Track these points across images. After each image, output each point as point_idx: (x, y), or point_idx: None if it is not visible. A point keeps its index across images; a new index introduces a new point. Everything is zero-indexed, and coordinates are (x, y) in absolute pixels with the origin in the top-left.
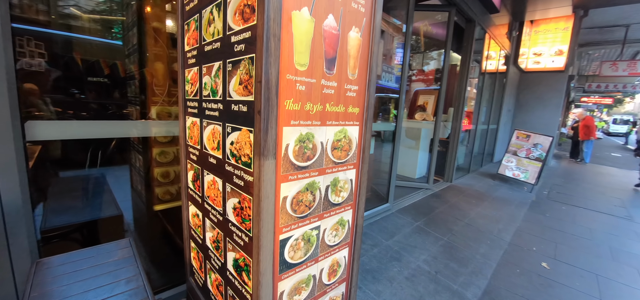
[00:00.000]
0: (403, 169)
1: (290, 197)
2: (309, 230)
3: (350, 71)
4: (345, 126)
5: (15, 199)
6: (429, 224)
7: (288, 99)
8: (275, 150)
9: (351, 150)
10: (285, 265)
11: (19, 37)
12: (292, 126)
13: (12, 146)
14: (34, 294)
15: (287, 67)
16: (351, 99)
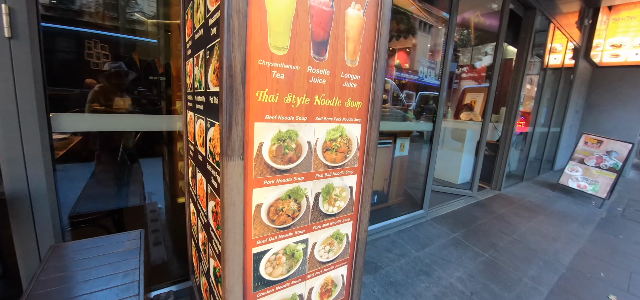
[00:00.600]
0: (444, 173)
1: (266, 205)
2: (293, 243)
3: (349, 57)
4: (341, 123)
5: (41, 186)
6: (468, 237)
7: (261, 89)
8: (243, 149)
9: (350, 152)
10: (261, 282)
11: (87, 40)
12: (267, 122)
13: (38, 137)
14: (42, 278)
15: (258, 50)
16: (350, 90)
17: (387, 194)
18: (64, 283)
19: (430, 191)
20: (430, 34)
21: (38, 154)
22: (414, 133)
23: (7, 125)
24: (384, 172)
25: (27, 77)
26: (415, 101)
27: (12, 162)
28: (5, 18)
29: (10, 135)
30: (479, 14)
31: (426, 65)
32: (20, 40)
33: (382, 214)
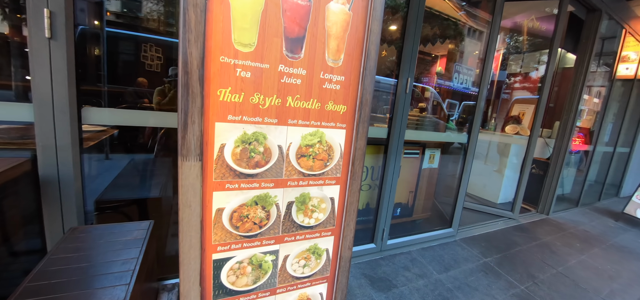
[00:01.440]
0: (482, 190)
1: (229, 210)
2: (260, 253)
3: (331, 56)
4: (320, 128)
5: (69, 173)
6: (502, 264)
7: (223, 88)
8: (201, 150)
9: (332, 160)
10: (222, 290)
11: (144, 43)
12: (230, 122)
13: (69, 129)
14: (53, 256)
15: (220, 46)
16: (332, 92)
17: (412, 208)
18: (70, 263)
19: (461, 208)
20: (478, 39)
21: (68, 144)
22: (455, 145)
23: (43, 116)
24: (409, 184)
25: (62, 74)
26: (458, 111)
27: (46, 149)
28: (46, 20)
29: (45, 125)
30: (533, 17)
31: (471, 73)
32: (58, 40)
33: (405, 228)
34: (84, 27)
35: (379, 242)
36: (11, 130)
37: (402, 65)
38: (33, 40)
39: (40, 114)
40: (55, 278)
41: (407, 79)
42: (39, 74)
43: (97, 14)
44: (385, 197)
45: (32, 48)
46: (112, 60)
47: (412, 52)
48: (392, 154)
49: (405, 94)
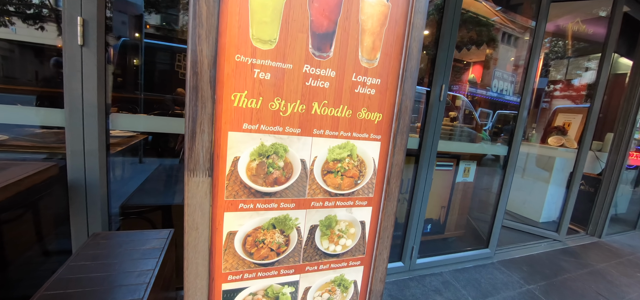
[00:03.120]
0: (522, 207)
1: (242, 233)
2: (278, 284)
3: (365, 55)
4: (351, 139)
5: (95, 178)
6: (548, 293)
7: (239, 92)
8: (211, 163)
9: (364, 177)
10: None
11: (178, 53)
12: (245, 132)
13: (96, 135)
14: (72, 263)
15: (236, 43)
16: (365, 98)
17: (444, 225)
18: (88, 272)
19: (499, 227)
20: (514, 45)
21: (95, 149)
22: (487, 156)
23: (73, 121)
24: (441, 199)
25: (93, 81)
26: (492, 120)
27: (74, 154)
28: (79, 28)
29: (75, 130)
30: (578, 20)
31: (508, 80)
32: (89, 47)
33: (436, 246)
34: (126, 39)
35: (408, 261)
36: (45, 135)
37: (436, 71)
38: (67, 47)
39: (71, 119)
40: (71, 287)
41: (441, 86)
42: (71, 80)
43: (137, 26)
44: (415, 212)
45: (66, 55)
46: (149, 70)
47: (447, 57)
48: (424, 166)
49: (439, 101)
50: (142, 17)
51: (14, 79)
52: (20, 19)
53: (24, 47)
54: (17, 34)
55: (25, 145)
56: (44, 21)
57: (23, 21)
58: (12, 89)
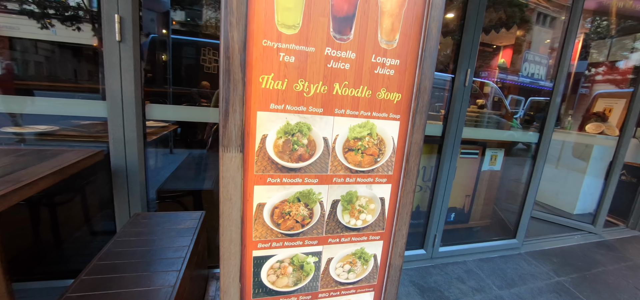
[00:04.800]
0: (555, 198)
1: (270, 205)
2: (302, 254)
3: (385, 36)
4: (371, 119)
5: (134, 164)
6: (580, 285)
7: (266, 74)
8: (242, 140)
9: (383, 155)
10: (262, 289)
11: (203, 48)
12: (272, 111)
13: (134, 124)
14: (118, 239)
15: (263, 29)
16: (385, 79)
17: (469, 214)
18: (132, 247)
19: (528, 217)
20: (550, 25)
21: (134, 137)
22: (518, 145)
23: (114, 112)
24: (465, 188)
25: (130, 74)
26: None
27: (116, 142)
28: (116, 25)
29: (116, 120)
30: None
31: (541, 64)
32: (126, 43)
33: (460, 235)
34: (154, 35)
35: (430, 249)
36: (91, 126)
37: (462, 55)
38: (106, 43)
39: (112, 110)
40: (119, 259)
41: (466, 70)
42: (111, 73)
43: (164, 23)
44: (438, 200)
45: (105, 50)
46: (176, 64)
47: (473, 40)
48: (447, 153)
49: (464, 87)
50: (169, 14)
51: (56, 77)
52: (59, 21)
53: (63, 47)
54: (57, 35)
55: (73, 135)
56: (80, 22)
57: (62, 23)
58: (56, 86)
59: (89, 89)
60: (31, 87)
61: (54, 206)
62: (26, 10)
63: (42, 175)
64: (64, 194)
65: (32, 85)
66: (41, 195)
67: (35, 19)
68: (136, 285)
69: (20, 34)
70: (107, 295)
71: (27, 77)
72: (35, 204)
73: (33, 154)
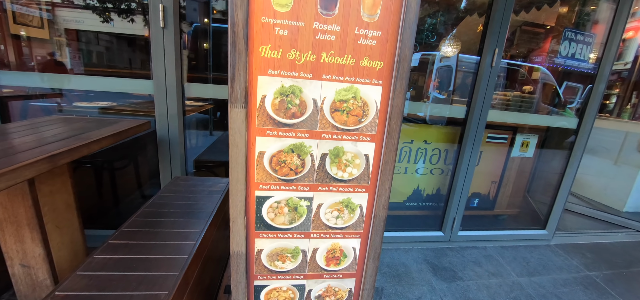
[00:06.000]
0: (603, 193)
1: (269, 154)
2: (296, 197)
3: (367, 11)
4: (355, 84)
5: (176, 136)
6: (613, 282)
7: (264, 45)
8: (246, 99)
9: (367, 117)
10: (263, 224)
11: None
12: (270, 76)
13: (175, 101)
14: (162, 194)
15: (262, 8)
16: (368, 48)
17: (494, 201)
18: (172, 201)
19: (561, 208)
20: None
21: (175, 112)
22: (555, 132)
23: (159, 90)
24: (491, 174)
25: (171, 56)
26: (581, 97)
27: (161, 116)
28: (160, 14)
29: (160, 98)
30: None
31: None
32: (169, 29)
33: (483, 222)
34: (197, 24)
35: (449, 232)
36: (143, 104)
37: (489, 33)
38: (152, 29)
39: (157, 88)
40: (161, 208)
41: (493, 51)
42: (157, 56)
43: (205, 12)
44: (458, 184)
45: (152, 36)
46: (216, 51)
47: (503, 16)
48: (470, 137)
49: (491, 68)
50: (210, 3)
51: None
52: (116, 13)
53: (119, 37)
54: (115, 27)
55: (126, 110)
56: (134, 14)
57: (118, 15)
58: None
59: (141, 74)
60: (96, 72)
61: (114, 170)
62: (90, 5)
63: (105, 135)
64: (123, 160)
65: (95, 71)
66: (104, 160)
67: (97, 13)
68: (170, 234)
69: (84, 27)
70: (149, 234)
71: (92, 64)
72: (101, 168)
73: (97, 122)
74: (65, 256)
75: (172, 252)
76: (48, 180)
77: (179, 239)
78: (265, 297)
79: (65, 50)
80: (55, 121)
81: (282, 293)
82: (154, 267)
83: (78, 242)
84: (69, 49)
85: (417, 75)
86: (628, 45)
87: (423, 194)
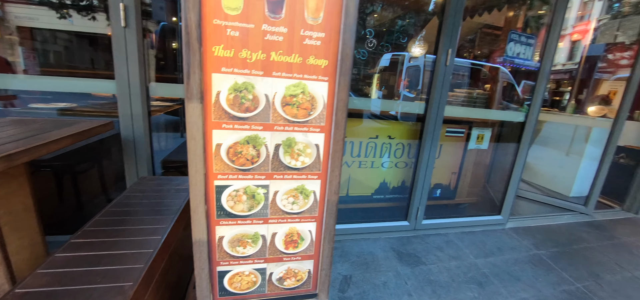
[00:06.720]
0: (552, 181)
1: (226, 145)
2: (253, 186)
3: (311, 14)
4: (303, 80)
5: (141, 136)
6: (558, 258)
7: (217, 45)
8: (201, 94)
9: (315, 109)
10: (223, 212)
11: None
12: (223, 73)
13: (140, 101)
14: (127, 193)
15: (213, 11)
16: (313, 48)
17: (455, 190)
18: (137, 200)
19: (513, 194)
20: None
21: (140, 112)
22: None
23: (122, 90)
24: (451, 165)
25: (134, 56)
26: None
27: (125, 116)
28: (121, 13)
29: (124, 98)
30: None
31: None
32: (131, 28)
33: (445, 210)
34: (164, 23)
35: (413, 221)
36: (106, 104)
37: (442, 35)
38: (113, 29)
39: (121, 88)
40: (127, 207)
41: (447, 51)
42: (119, 55)
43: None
44: (420, 176)
45: (113, 35)
46: None
47: (454, 19)
48: (429, 132)
49: (446, 66)
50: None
51: (72, 63)
52: (76, 11)
53: (79, 36)
54: (75, 25)
55: (88, 111)
56: (93, 11)
57: (78, 13)
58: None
59: (104, 75)
60: (54, 72)
61: (77, 174)
62: (45, 1)
63: (64, 136)
64: (86, 163)
65: (53, 71)
66: (66, 164)
67: (54, 10)
68: (136, 230)
69: (40, 25)
70: (113, 232)
71: (49, 64)
72: (63, 172)
73: (56, 123)
74: (25, 259)
75: (137, 247)
76: (3, 182)
77: (145, 235)
78: (228, 282)
79: (18, 49)
80: (10, 123)
81: (245, 277)
82: (118, 261)
83: (38, 245)
84: (22, 48)
85: (388, 75)
86: (578, 46)
87: (389, 187)
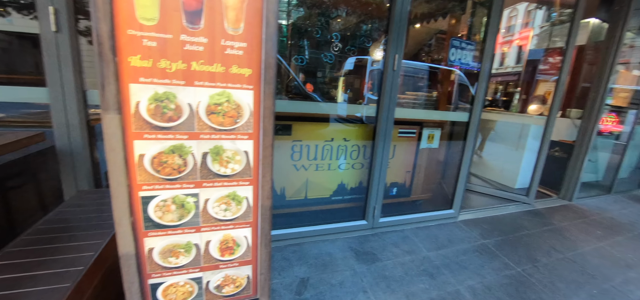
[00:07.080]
0: (500, 174)
1: (149, 155)
2: (182, 195)
3: (231, 25)
4: (227, 89)
5: (80, 147)
6: (501, 246)
7: (133, 55)
8: (119, 105)
9: (242, 117)
10: (151, 223)
11: None
12: (142, 83)
13: (76, 110)
14: (62, 209)
15: (127, 21)
16: (235, 57)
17: (410, 188)
18: (73, 215)
19: (462, 189)
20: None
21: (77, 122)
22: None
23: (55, 99)
24: (405, 164)
25: (69, 62)
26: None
27: (60, 126)
28: (51, 17)
29: (58, 107)
30: None
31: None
32: (63, 33)
33: (402, 208)
34: None
35: (371, 220)
36: (34, 114)
37: (389, 41)
38: (43, 33)
39: (54, 96)
40: (61, 224)
41: (394, 56)
42: (50, 62)
43: None
44: (375, 176)
45: (43, 40)
46: None
47: (399, 27)
48: (381, 133)
49: (394, 71)
50: None
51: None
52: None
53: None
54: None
55: (19, 121)
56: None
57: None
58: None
59: (35, 81)
60: None
61: (8, 190)
62: None
63: None
64: (16, 179)
65: None
66: None
67: None
68: (66, 248)
69: None
70: (40, 251)
71: None
72: None
73: None
74: None
75: (66, 266)
76: None
77: (77, 252)
78: (162, 294)
79: None
80: None
81: (180, 288)
82: (41, 282)
83: None
84: None
85: (353, 78)
86: (523, 51)
87: (347, 188)
